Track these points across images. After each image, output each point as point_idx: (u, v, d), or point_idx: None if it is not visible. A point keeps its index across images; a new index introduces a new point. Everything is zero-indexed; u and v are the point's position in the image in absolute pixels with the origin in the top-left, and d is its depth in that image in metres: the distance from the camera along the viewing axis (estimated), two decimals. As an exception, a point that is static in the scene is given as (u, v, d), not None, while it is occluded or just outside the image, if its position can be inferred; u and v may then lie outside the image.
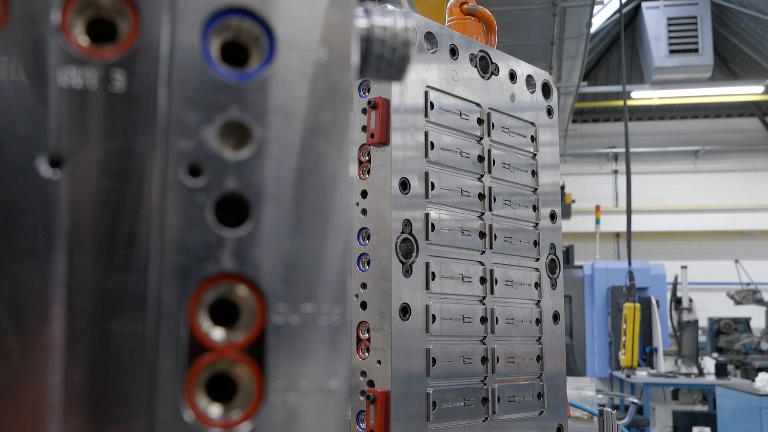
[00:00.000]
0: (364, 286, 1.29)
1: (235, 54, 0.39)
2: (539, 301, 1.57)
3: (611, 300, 10.43)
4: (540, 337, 1.55)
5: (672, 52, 13.27)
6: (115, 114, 0.36)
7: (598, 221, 12.63)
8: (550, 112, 1.67)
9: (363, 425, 1.24)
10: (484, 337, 1.42)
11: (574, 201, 14.08)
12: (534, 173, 1.60)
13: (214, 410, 0.37)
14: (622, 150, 16.67)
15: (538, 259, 1.58)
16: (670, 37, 13.29)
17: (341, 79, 0.41)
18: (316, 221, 0.40)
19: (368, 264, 1.29)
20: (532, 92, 1.62)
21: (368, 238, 1.30)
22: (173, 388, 0.36)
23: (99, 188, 0.35)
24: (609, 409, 1.51)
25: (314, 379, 0.40)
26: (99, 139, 0.35)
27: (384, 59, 0.47)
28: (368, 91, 1.34)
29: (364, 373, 1.27)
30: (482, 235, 1.45)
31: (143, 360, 0.35)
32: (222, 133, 0.38)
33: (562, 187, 13.55)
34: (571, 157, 16.10)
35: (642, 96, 14.89)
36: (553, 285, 1.61)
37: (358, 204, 1.32)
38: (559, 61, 9.92)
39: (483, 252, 1.45)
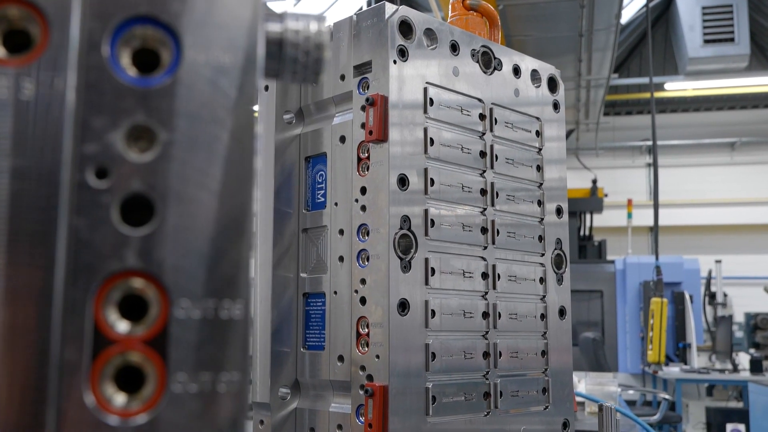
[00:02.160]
0: (363, 281, 1.30)
1: (149, 60, 0.41)
2: (544, 296, 1.56)
3: (643, 295, 10.30)
4: (545, 332, 1.55)
5: (707, 41, 13.02)
6: (24, 120, 0.38)
7: (629, 215, 12.48)
8: (556, 106, 1.66)
9: (362, 419, 1.26)
10: (486, 332, 1.43)
11: (606, 195, 13.93)
12: (539, 168, 1.60)
13: (119, 399, 0.39)
14: (658, 142, 16.46)
15: (543, 254, 1.58)
16: (704, 27, 13.04)
17: (246, 82, 0.42)
18: (219, 220, 0.42)
19: (367, 260, 1.30)
20: (538, 87, 1.62)
21: (367, 234, 1.31)
22: (78, 378, 0.38)
23: (9, 190, 0.37)
24: (609, 404, 1.50)
25: (215, 371, 0.42)
26: (9, 145, 0.37)
27: (298, 62, 0.48)
28: (367, 88, 1.35)
29: (363, 368, 1.28)
30: (484, 230, 1.45)
31: (49, 352, 0.37)
32: (128, 136, 0.40)
33: (594, 182, 13.44)
34: (604, 150, 15.92)
35: (676, 87, 14.67)
36: (560, 280, 1.60)
37: (357, 200, 1.33)
38: (588, 53, 9.81)
39: (485, 247, 1.45)
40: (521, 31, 8.99)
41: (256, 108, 0.44)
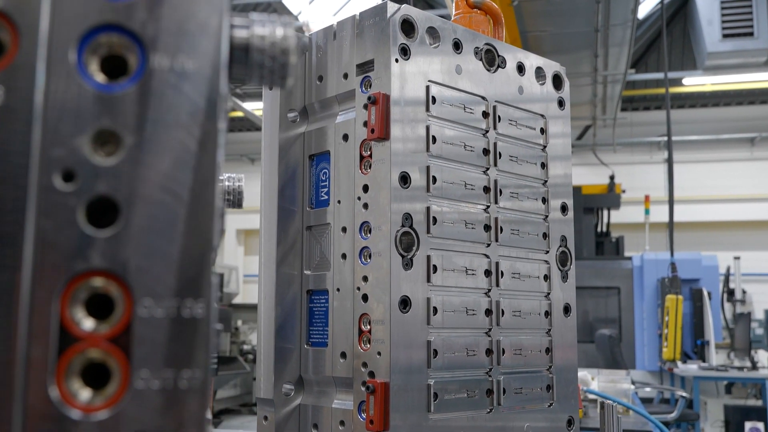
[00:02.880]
0: (365, 279, 1.31)
1: (119, 66, 0.42)
2: (549, 294, 1.56)
3: (661, 292, 10.22)
4: (549, 330, 1.55)
5: (726, 36, 12.88)
6: (-6, 125, 0.39)
7: (647, 211, 12.40)
8: (561, 103, 1.66)
9: (364, 415, 1.27)
10: (489, 330, 1.43)
11: (624, 191, 13.84)
12: (544, 165, 1.59)
13: (84, 395, 0.40)
14: (675, 138, 16.32)
15: (547, 252, 1.58)
16: (723, 21, 12.90)
17: (210, 87, 0.43)
18: (183, 222, 0.43)
19: (369, 257, 1.31)
20: (542, 84, 1.62)
21: (369, 232, 1.32)
22: (44, 374, 0.39)
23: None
24: (610, 402, 1.50)
25: (177, 368, 0.43)
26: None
27: (265, 67, 0.49)
28: (369, 87, 1.36)
29: (365, 364, 1.29)
30: (487, 228, 1.45)
31: (16, 348, 0.39)
32: (94, 141, 0.41)
33: (612, 178, 13.36)
34: (621, 146, 15.81)
35: (695, 82, 14.54)
36: (564, 277, 1.60)
37: (359, 198, 1.34)
38: (605, 48, 9.74)
39: (488, 245, 1.45)
40: (537, 26, 8.94)
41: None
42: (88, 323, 0.41)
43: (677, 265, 8.23)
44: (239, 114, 13.38)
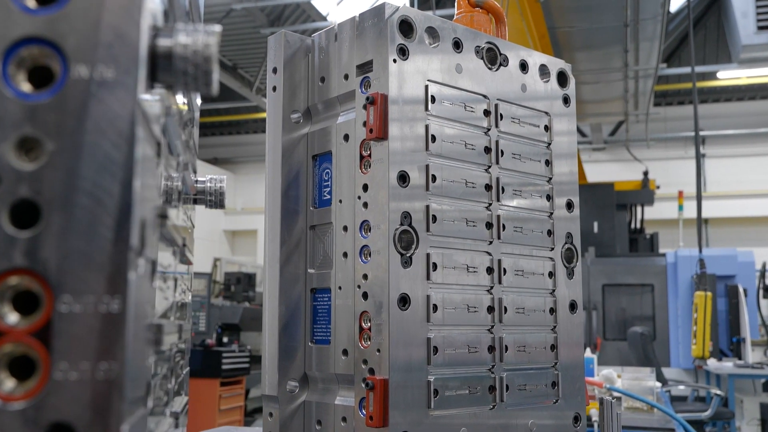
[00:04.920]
0: (365, 277, 1.33)
1: (47, 76, 0.45)
2: (554, 291, 1.57)
3: (695, 288, 10.08)
4: (555, 327, 1.56)
5: (761, 28, 12.62)
6: None
7: (680, 207, 12.22)
8: (566, 100, 1.66)
9: (365, 412, 1.28)
10: (492, 327, 1.44)
11: (658, 187, 13.67)
12: (548, 163, 1.60)
13: (8, 385, 0.43)
14: (710, 132, 16.05)
15: (552, 249, 1.58)
16: (758, 13, 12.64)
17: (129, 95, 0.46)
18: (101, 223, 0.46)
19: (369, 256, 1.33)
20: (546, 81, 1.62)
21: (369, 231, 1.34)
22: None
23: None
24: (609, 398, 1.50)
25: (94, 360, 0.46)
26: None
27: (188, 74, 0.52)
28: (368, 87, 1.38)
29: (365, 361, 1.31)
30: (489, 225, 1.46)
31: None
32: (17, 147, 0.44)
33: (645, 173, 13.20)
34: (654, 141, 15.62)
35: (729, 76, 14.29)
36: (570, 274, 1.60)
37: (360, 198, 1.36)
38: (635, 43, 9.63)
39: (490, 242, 1.46)
40: (566, 22, 8.88)
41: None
42: (11, 318, 0.44)
43: (712, 261, 8.10)
44: (262, 116, 13.48)
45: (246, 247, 19.14)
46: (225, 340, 9.89)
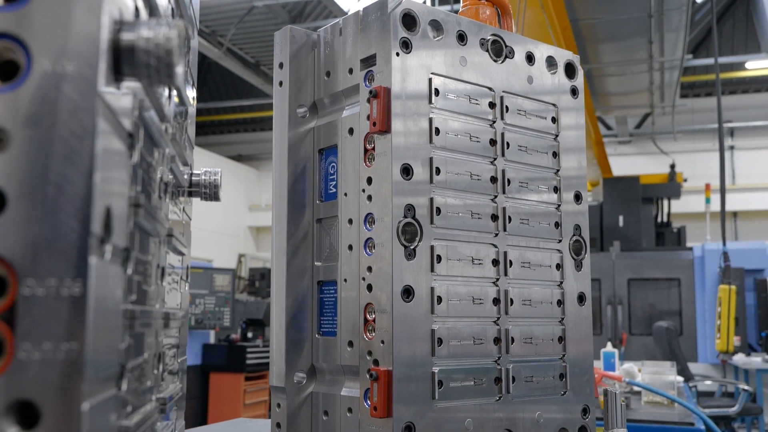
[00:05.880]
0: (369, 269, 1.34)
1: (12, 70, 0.47)
2: (561, 283, 1.56)
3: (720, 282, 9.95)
4: (562, 319, 1.56)
5: (791, 17, 12.41)
6: None
7: (708, 200, 12.07)
8: (574, 92, 1.65)
9: (369, 402, 1.30)
10: (497, 318, 1.44)
11: (686, 180, 13.51)
12: (555, 155, 1.59)
13: None
14: (739, 124, 15.82)
15: (560, 241, 1.58)
16: (788, 2, 12.43)
17: (89, 87, 0.48)
18: (63, 210, 0.48)
19: (373, 248, 1.34)
20: (554, 73, 1.62)
21: (373, 223, 1.35)
22: None
23: None
24: (612, 389, 1.49)
25: (56, 341, 0.48)
26: None
27: (151, 67, 0.54)
28: (372, 81, 1.39)
29: (370, 353, 1.32)
30: (495, 217, 1.46)
31: None
32: None
33: (672, 166, 13.04)
34: (682, 134, 15.43)
35: (758, 66, 14.07)
36: (578, 266, 1.60)
37: (364, 191, 1.37)
38: (660, 34, 9.52)
39: (496, 234, 1.46)
40: (589, 14, 8.81)
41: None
42: (-21, 302, 0.46)
43: (741, 255, 8.00)
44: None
45: (270, 243, 19.26)
46: (249, 335, 9.98)
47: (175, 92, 0.93)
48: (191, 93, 1.18)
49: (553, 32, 7.61)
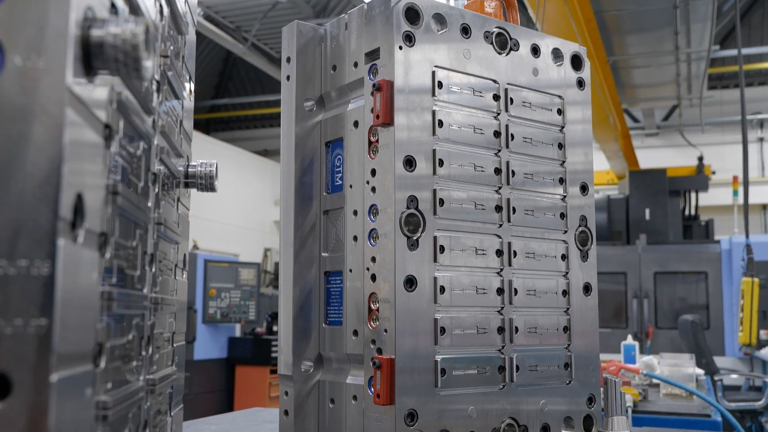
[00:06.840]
0: (373, 259, 1.37)
1: None
2: (567, 273, 1.58)
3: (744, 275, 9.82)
4: (568, 309, 1.57)
5: (822, 6, 12.18)
6: None
7: (735, 193, 11.91)
8: (581, 84, 1.66)
9: (373, 390, 1.32)
10: (501, 308, 1.46)
11: (714, 172, 13.34)
12: (561, 146, 1.60)
13: None
14: (766, 116, 15.56)
15: (566, 232, 1.59)
16: (819, -9, 12.21)
17: (58, 82, 0.51)
18: (32, 197, 0.52)
19: (377, 239, 1.37)
20: (560, 65, 1.62)
21: (377, 214, 1.37)
22: None
23: None
24: (613, 378, 1.50)
25: (26, 317, 0.52)
26: None
27: (119, 62, 0.56)
28: (376, 74, 1.41)
29: (374, 342, 1.35)
30: (499, 209, 1.48)
31: None
32: None
33: (700, 159, 12.88)
34: (710, 126, 15.21)
35: (788, 57, 13.82)
36: (584, 257, 1.61)
37: (368, 182, 1.39)
38: (686, 25, 9.39)
39: (500, 225, 1.48)
40: (613, 5, 8.71)
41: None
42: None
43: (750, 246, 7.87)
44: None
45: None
46: (275, 328, 10.06)
47: (167, 86, 0.96)
48: (188, 86, 1.21)
49: (576, 24, 7.55)
